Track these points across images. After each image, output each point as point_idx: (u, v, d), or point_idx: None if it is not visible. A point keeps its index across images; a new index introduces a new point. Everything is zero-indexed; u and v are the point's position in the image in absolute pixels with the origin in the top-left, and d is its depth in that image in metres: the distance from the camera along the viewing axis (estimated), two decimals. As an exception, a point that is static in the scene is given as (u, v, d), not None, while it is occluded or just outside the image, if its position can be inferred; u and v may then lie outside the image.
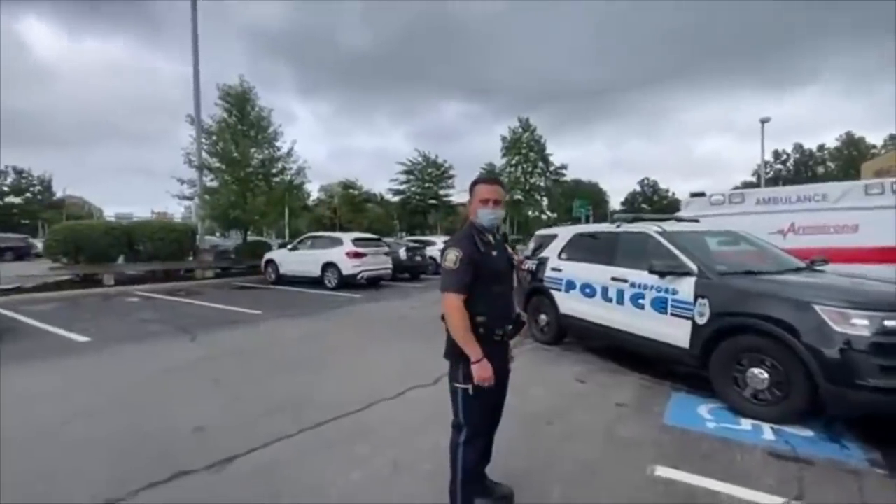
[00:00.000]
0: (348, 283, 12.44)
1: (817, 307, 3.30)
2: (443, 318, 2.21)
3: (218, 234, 24.62)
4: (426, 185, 45.65)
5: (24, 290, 11.02)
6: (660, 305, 4.49)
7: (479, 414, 2.24)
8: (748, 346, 3.68)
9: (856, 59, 75.78)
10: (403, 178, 46.24)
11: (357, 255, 12.50)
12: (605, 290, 5.23)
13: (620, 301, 5.00)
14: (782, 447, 3.18)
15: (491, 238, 2.34)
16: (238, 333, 7.15)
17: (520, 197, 42.18)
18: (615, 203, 73.11)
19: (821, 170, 58.02)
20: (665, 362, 4.72)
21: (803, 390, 3.36)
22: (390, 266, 13.62)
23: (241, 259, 16.00)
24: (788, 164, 62.26)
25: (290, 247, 14.26)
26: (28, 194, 57.07)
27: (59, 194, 59.50)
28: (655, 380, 4.67)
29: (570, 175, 51.72)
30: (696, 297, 4.12)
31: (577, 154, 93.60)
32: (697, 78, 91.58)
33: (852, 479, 2.77)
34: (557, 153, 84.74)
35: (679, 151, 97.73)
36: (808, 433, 3.38)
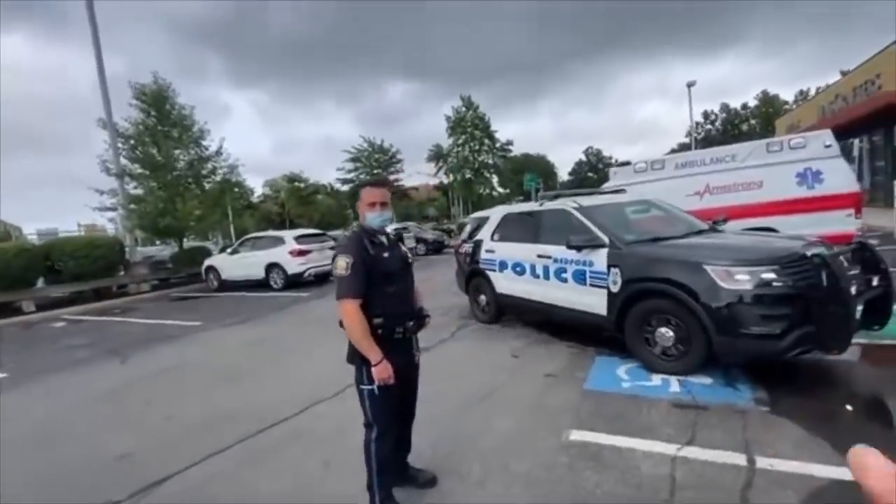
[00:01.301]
0: (295, 282, 12.18)
1: (707, 267, 3.61)
2: (341, 324, 2.25)
3: (159, 242, 23.19)
4: (374, 171, 44.87)
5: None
6: (580, 277, 4.75)
7: (386, 411, 2.32)
8: (655, 309, 3.99)
9: (775, 22, 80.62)
10: (350, 165, 45.28)
11: (301, 253, 12.21)
12: (532, 267, 5.45)
13: (547, 276, 5.23)
14: (684, 397, 3.50)
15: (383, 239, 2.39)
16: (174, 349, 6.88)
17: (470, 176, 42.38)
18: (563, 174, 75.11)
19: (745, 127, 61.96)
20: (590, 329, 5.01)
21: (701, 343, 3.70)
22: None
23: (180, 268, 15.22)
24: (717, 124, 65.96)
25: (230, 250, 13.70)
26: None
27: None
28: (582, 346, 4.96)
29: (518, 150, 52.45)
30: (608, 267, 4.39)
31: (524, 128, 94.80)
32: (632, 45, 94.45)
33: (738, 418, 3.11)
34: (505, 129, 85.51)
35: (620, 118, 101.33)
36: (708, 381, 3.74)
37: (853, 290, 3.34)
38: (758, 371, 3.78)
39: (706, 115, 65.09)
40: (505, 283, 6.01)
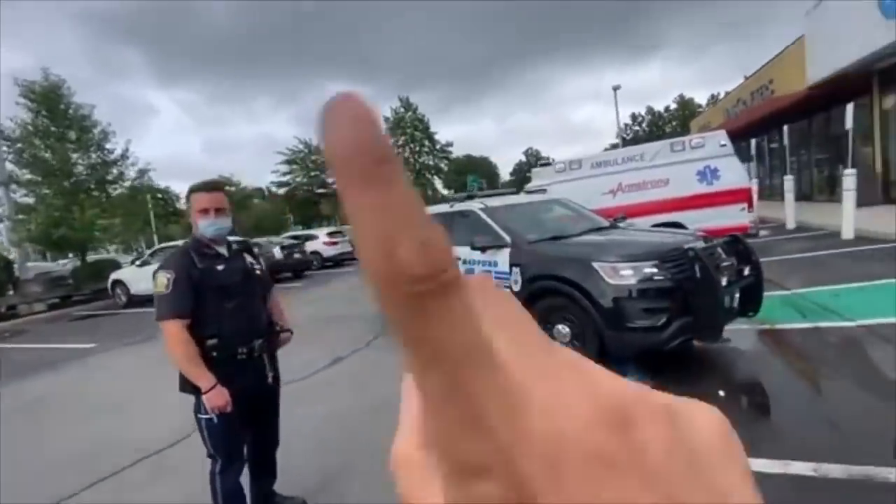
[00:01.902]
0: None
1: (595, 264, 3.67)
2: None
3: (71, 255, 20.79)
4: (312, 173, 43.45)
5: None
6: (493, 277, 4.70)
7: (228, 441, 2.08)
8: (552, 306, 4.01)
9: (692, 29, 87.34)
10: (286, 168, 43.51)
11: (220, 262, 11.40)
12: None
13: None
14: (577, 394, 3.52)
15: (220, 250, 2.15)
16: (54, 377, 6.10)
17: (411, 178, 42.20)
18: (505, 174, 76.91)
19: (668, 129, 66.70)
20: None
21: (594, 339, 3.75)
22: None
23: (82, 284, 13.75)
24: (644, 125, 70.48)
25: (138, 262, 12.57)
26: None
27: None
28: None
29: (462, 151, 52.98)
30: (511, 267, 4.37)
31: (467, 130, 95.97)
32: (568, 49, 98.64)
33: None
34: (449, 131, 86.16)
35: (559, 120, 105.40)
36: (603, 375, 3.80)
37: (724, 281, 3.52)
38: (651, 361, 3.90)
39: (634, 117, 69.42)
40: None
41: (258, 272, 2.26)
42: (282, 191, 45.62)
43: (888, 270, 5.69)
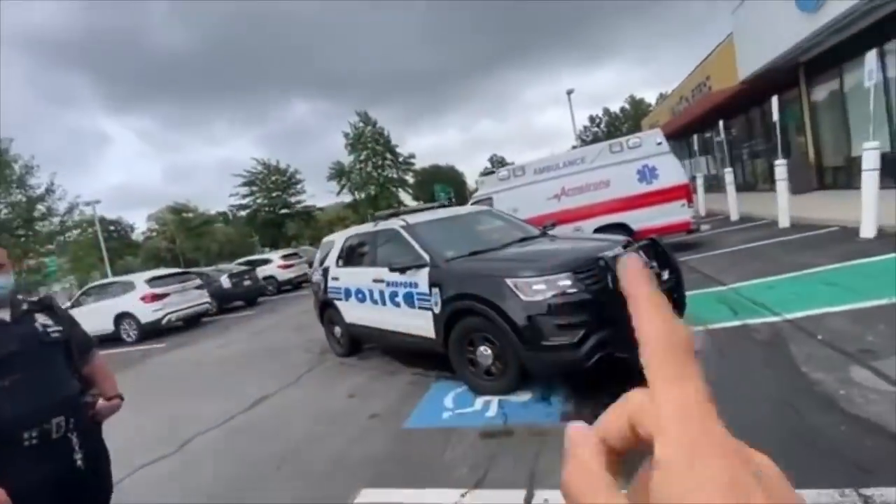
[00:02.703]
0: (153, 330, 10.65)
1: (508, 280, 3.43)
2: None
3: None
4: (273, 194, 42.40)
5: None
6: (409, 299, 4.42)
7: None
8: (472, 327, 3.75)
9: (641, 30, 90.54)
10: (245, 190, 42.22)
11: (156, 298, 10.71)
12: (370, 292, 5.03)
13: (384, 301, 4.84)
14: (496, 422, 3.25)
15: (2, 314, 1.77)
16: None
17: (375, 192, 41.72)
18: (472, 182, 77.30)
19: (625, 128, 68.75)
20: (429, 354, 4.70)
21: (514, 360, 3.51)
22: (207, 300, 12.04)
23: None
24: (602, 126, 72.42)
25: (70, 303, 11.69)
26: None
27: None
28: (426, 373, 4.62)
29: (429, 161, 52.76)
30: (430, 287, 4.10)
31: (433, 141, 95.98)
32: (527, 56, 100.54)
33: (536, 442, 2.89)
34: (415, 142, 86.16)
35: (522, 125, 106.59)
36: (527, 397, 3.56)
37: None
38: (579, 379, 3.69)
39: (592, 119, 71.23)
40: (352, 312, 5.53)
41: (55, 335, 1.88)
42: (243, 213, 44.24)
43: (818, 258, 5.73)
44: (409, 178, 45.51)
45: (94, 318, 10.96)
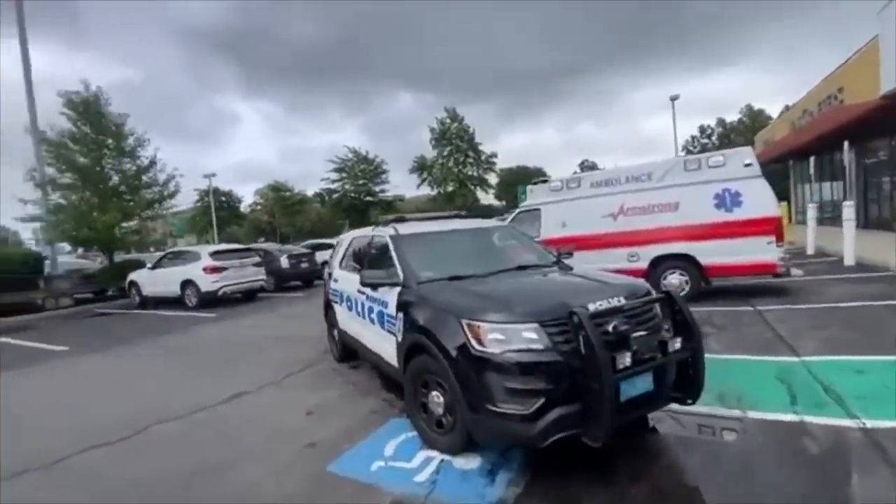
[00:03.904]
0: (211, 300, 11.42)
1: (463, 321, 2.80)
2: None
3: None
4: (359, 181, 44.39)
5: None
6: (381, 319, 3.95)
7: None
8: (424, 367, 3.17)
9: (780, 35, 79.94)
10: (335, 176, 44.73)
11: (216, 270, 11.46)
12: (356, 302, 4.65)
13: (363, 315, 4.44)
14: (418, 492, 2.66)
15: None
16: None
17: (453, 188, 41.76)
18: (559, 186, 74.26)
19: (741, 141, 61.22)
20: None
21: (462, 416, 2.88)
22: (262, 277, 12.66)
23: (108, 282, 14.52)
24: (713, 138, 65.32)
25: (151, 265, 12.99)
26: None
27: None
28: (395, 401, 4.12)
29: (517, 161, 51.75)
30: (396, 310, 3.60)
31: (527, 140, 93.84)
32: (639, 59, 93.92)
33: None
34: (508, 140, 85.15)
35: (625, 131, 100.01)
36: (474, 464, 2.91)
37: (628, 359, 2.53)
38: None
39: (702, 129, 64.46)
40: (343, 318, 5.22)
41: None
42: (333, 196, 46.79)
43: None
44: (490, 178, 44.90)
45: (167, 280, 12.10)
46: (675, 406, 3.03)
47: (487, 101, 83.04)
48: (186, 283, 11.67)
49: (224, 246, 13.18)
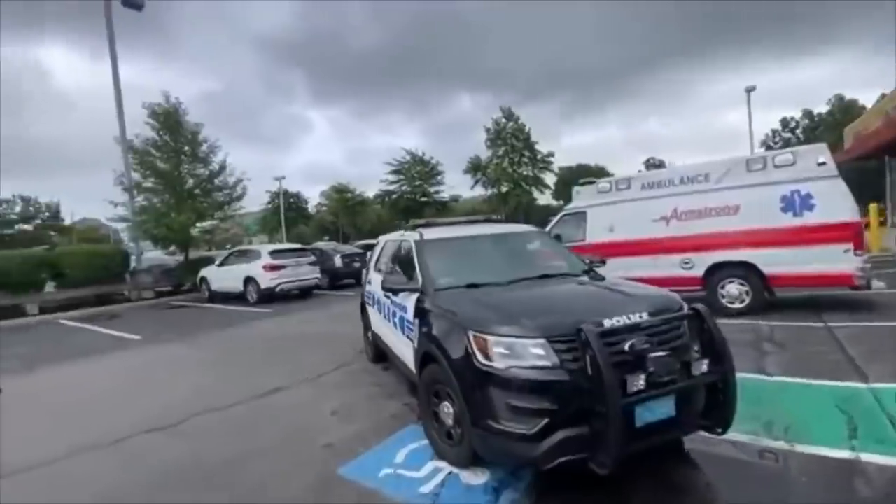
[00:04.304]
0: (270, 296, 12.16)
1: (469, 333, 2.75)
2: None
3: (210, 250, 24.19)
4: (415, 182, 45.22)
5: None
6: (402, 324, 3.99)
7: None
8: (435, 377, 3.15)
9: (875, 17, 70.99)
10: (393, 177, 45.89)
11: (274, 268, 12.19)
12: (382, 305, 4.73)
13: (388, 317, 4.50)
14: (420, 504, 2.65)
15: None
16: (73, 367, 6.89)
17: (507, 189, 41.25)
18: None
19: (827, 137, 54.99)
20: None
21: (468, 429, 2.82)
22: (317, 276, 13.28)
23: (184, 277, 15.93)
24: (797, 131, 59.26)
25: (218, 262, 14.07)
26: (37, 220, 58.91)
27: (68, 220, 61.17)
28: (416, 406, 4.14)
29: (578, 160, 50.36)
30: (414, 316, 3.60)
31: (591, 139, 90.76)
32: (712, 51, 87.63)
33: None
34: (569, 139, 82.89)
35: (697, 127, 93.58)
36: (480, 480, 2.84)
37: (641, 381, 2.35)
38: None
39: (785, 122, 58.64)
40: (374, 321, 5.33)
41: None
42: (391, 198, 47.91)
43: None
44: (547, 177, 43.86)
45: (232, 277, 13.04)
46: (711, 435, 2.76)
47: (548, 100, 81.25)
48: (248, 280, 12.51)
49: (282, 245, 13.99)
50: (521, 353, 2.54)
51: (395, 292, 3.91)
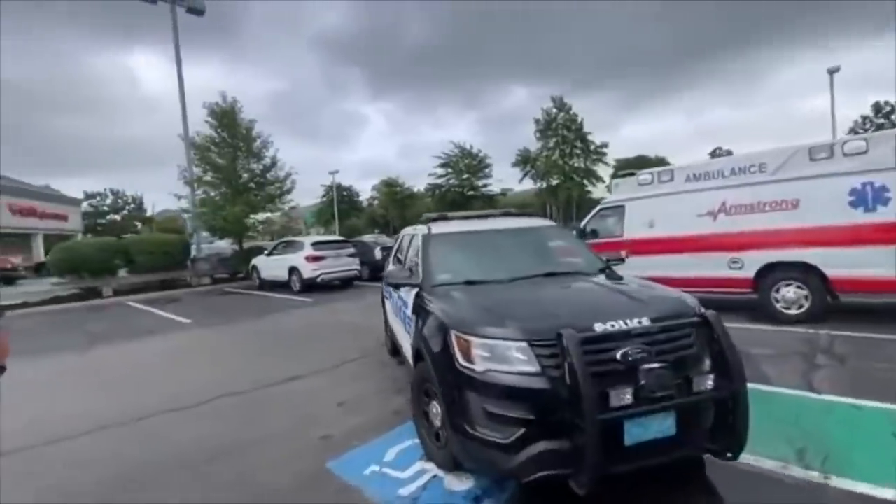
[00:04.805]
0: (312, 285, 12.62)
1: (452, 332, 2.61)
2: None
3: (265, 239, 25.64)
4: (463, 176, 45.12)
5: (29, 305, 12.57)
6: (404, 318, 3.92)
7: None
8: (424, 376, 3.04)
9: None
10: (441, 171, 46.07)
11: (316, 259, 12.61)
12: (393, 298, 4.69)
13: (396, 311, 4.45)
14: (396, 507, 2.57)
15: None
16: (125, 346, 7.48)
17: (557, 182, 40.05)
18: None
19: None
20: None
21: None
22: (357, 267, 13.59)
23: (238, 265, 16.93)
24: (894, 116, 52.53)
25: (267, 252, 14.79)
26: (124, 212, 65.28)
27: (149, 211, 67.24)
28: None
29: (641, 150, 48.17)
30: (412, 312, 3.52)
31: (653, 128, 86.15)
32: (790, 30, 79.74)
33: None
34: (630, 129, 79.11)
35: (774, 114, 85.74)
36: (464, 486, 2.71)
37: (628, 395, 2.11)
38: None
39: (878, 107, 52.14)
40: (389, 314, 5.31)
41: None
42: (439, 191, 48.16)
43: None
44: (600, 169, 42.03)
45: (278, 266, 13.67)
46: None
47: (609, 89, 77.68)
48: (292, 270, 13.05)
49: (324, 237, 14.42)
50: (502, 357, 2.37)
51: (398, 287, 3.84)
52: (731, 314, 6.80)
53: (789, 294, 6.07)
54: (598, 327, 2.33)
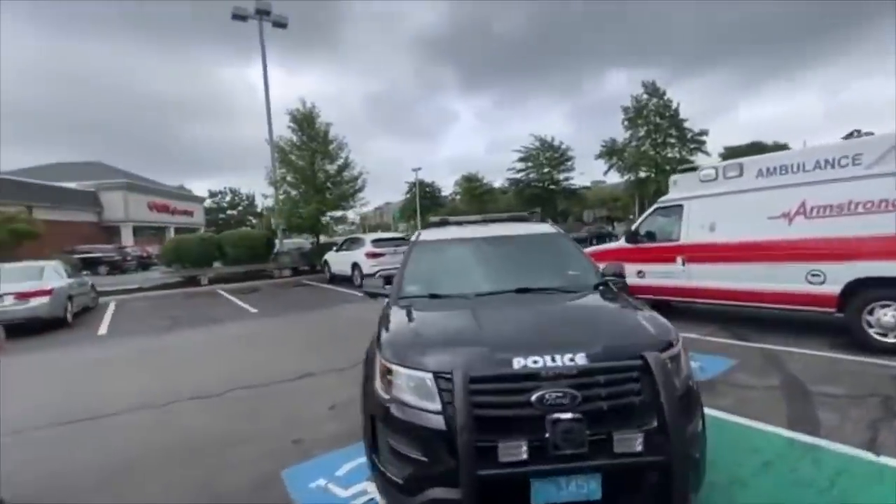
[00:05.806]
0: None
1: (378, 356, 2.46)
2: None
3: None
4: (544, 170, 43.64)
5: (144, 290, 14.79)
6: (384, 331, 3.82)
7: None
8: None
9: None
10: (521, 165, 44.98)
11: (374, 255, 13.08)
12: (391, 306, 4.61)
13: (389, 321, 4.37)
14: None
15: None
16: (194, 331, 8.41)
17: (646, 174, 36.76)
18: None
19: None
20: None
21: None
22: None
23: (314, 259, 18.25)
24: None
25: (336, 248, 15.68)
26: (240, 207, 73.94)
27: (259, 207, 75.34)
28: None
29: (759, 136, 42.81)
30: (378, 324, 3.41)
31: (777, 111, 75.74)
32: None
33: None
34: (746, 112, 70.37)
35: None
36: (392, 517, 2.57)
37: (518, 450, 1.81)
38: None
39: None
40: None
41: None
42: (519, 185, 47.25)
43: None
44: (699, 159, 37.59)
45: (344, 261, 14.45)
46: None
47: (718, 69, 69.56)
48: (355, 265, 13.70)
49: (383, 235, 14.89)
50: (409, 388, 2.17)
51: (374, 296, 3.76)
52: (810, 335, 5.69)
53: (887, 318, 4.86)
54: (518, 363, 2.03)
